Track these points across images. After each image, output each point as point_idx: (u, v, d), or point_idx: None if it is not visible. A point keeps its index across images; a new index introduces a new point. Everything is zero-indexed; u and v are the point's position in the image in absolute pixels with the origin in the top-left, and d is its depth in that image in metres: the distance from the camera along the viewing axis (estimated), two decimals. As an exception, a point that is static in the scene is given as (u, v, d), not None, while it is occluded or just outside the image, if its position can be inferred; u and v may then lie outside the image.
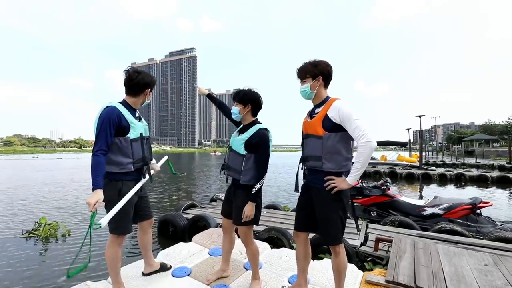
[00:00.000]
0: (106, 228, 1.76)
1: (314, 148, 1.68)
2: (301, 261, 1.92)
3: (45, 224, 4.54)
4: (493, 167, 18.49)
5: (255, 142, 1.88)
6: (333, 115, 1.60)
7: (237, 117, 2.01)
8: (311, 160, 1.71)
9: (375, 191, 5.18)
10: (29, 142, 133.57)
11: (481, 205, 4.39)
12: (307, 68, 1.71)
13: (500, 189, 10.42)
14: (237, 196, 1.98)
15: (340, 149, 1.62)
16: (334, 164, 1.62)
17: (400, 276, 2.20)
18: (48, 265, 3.43)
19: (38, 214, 5.71)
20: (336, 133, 1.61)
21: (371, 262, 2.95)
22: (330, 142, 1.61)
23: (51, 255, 3.76)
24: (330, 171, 1.63)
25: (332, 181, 1.62)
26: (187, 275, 2.32)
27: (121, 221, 1.80)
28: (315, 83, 1.69)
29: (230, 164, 2.00)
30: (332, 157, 1.62)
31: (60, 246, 4.12)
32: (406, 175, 13.69)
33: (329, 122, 1.61)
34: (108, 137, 1.69)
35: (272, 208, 5.13)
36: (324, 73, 1.69)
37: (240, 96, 1.96)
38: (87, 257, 1.64)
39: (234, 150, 1.97)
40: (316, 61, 1.71)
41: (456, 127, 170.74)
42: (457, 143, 51.55)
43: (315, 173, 1.72)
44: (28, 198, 7.86)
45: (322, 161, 1.64)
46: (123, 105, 1.84)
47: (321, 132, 1.63)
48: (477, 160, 23.23)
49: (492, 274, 2.28)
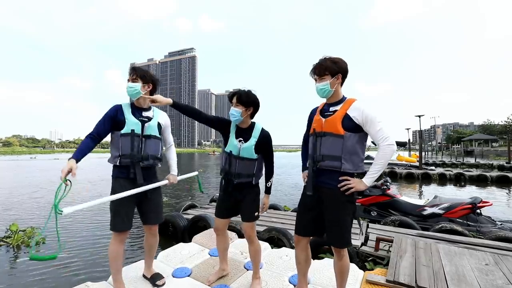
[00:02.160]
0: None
1: (333, 147, 1.60)
2: (302, 264, 1.86)
3: (17, 231, 4.10)
4: (492, 167, 18.50)
5: (264, 143, 1.96)
6: (356, 115, 1.56)
7: (237, 120, 1.92)
8: (327, 160, 1.62)
9: (375, 191, 5.18)
10: (28, 142, 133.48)
11: (481, 204, 4.40)
12: (326, 65, 1.61)
13: (499, 188, 10.42)
14: (246, 194, 2.01)
15: (358, 150, 1.59)
16: (351, 164, 1.59)
17: (401, 276, 2.20)
18: (13, 279, 2.96)
19: (18, 219, 5.24)
20: (355, 133, 1.58)
21: (371, 262, 2.95)
22: (350, 142, 1.57)
23: (20, 268, 3.21)
24: (347, 171, 1.60)
25: (347, 181, 1.58)
26: (187, 275, 2.31)
27: (113, 219, 1.90)
28: (335, 80, 1.62)
29: (241, 171, 1.92)
30: (351, 158, 1.58)
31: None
32: (406, 175, 13.70)
33: (350, 122, 1.57)
34: (100, 125, 1.85)
35: (272, 208, 5.13)
36: (343, 70, 1.63)
37: (242, 98, 1.88)
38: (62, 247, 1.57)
39: (246, 157, 1.91)
40: (334, 58, 1.64)
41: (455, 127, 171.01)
42: (457, 143, 51.62)
43: (328, 173, 1.64)
44: (7, 201, 7.32)
45: (341, 161, 1.58)
46: (129, 104, 1.97)
47: (342, 131, 1.57)
48: (477, 160, 23.25)
49: (493, 273, 2.28)
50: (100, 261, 3.50)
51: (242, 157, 1.92)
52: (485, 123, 63.62)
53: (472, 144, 41.83)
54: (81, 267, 3.32)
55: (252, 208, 1.99)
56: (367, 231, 3.65)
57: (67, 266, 3.32)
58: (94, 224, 5.23)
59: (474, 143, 41.27)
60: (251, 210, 1.99)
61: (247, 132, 1.95)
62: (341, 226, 1.61)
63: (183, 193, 9.09)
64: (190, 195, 8.80)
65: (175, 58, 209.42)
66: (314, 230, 1.76)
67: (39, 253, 1.71)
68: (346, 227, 1.62)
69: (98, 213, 6.11)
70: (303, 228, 1.77)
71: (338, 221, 1.62)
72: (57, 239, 1.54)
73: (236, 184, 1.96)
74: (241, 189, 1.99)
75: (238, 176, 1.94)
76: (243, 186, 1.99)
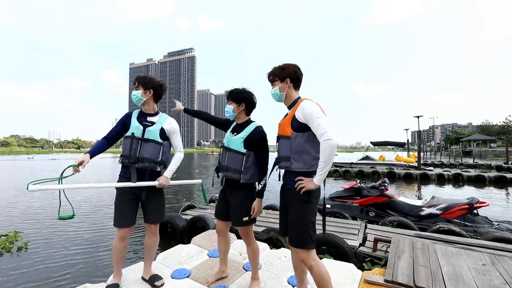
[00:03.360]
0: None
1: (284, 148, 1.70)
2: (298, 270, 1.82)
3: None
4: (490, 167, 18.60)
5: (254, 140, 1.92)
6: (299, 114, 1.62)
7: (230, 116, 2.03)
8: (282, 161, 1.73)
9: (373, 192, 5.20)
10: (27, 142, 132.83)
11: (478, 205, 4.43)
12: (275, 72, 1.76)
13: (497, 189, 10.48)
14: (234, 196, 1.98)
15: (307, 149, 1.62)
16: (302, 163, 1.62)
17: (399, 276, 2.21)
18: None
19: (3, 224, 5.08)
20: (303, 132, 1.62)
21: (369, 262, 2.96)
22: (297, 141, 1.63)
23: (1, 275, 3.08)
24: (299, 170, 1.63)
25: (300, 181, 1.61)
26: (186, 276, 2.32)
27: (115, 214, 2.05)
28: (284, 85, 1.73)
29: (228, 164, 1.97)
30: (301, 157, 1.62)
31: (15, 264, 3.38)
32: (405, 175, 13.75)
33: (297, 122, 1.63)
34: (113, 129, 2.13)
35: (270, 209, 5.14)
36: (291, 75, 1.72)
37: (234, 95, 2.00)
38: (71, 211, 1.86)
39: (233, 149, 1.96)
40: (284, 65, 1.75)
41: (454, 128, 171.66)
42: (455, 144, 51.82)
43: (287, 174, 1.73)
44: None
45: (291, 161, 1.65)
46: (139, 110, 2.16)
47: (289, 132, 1.66)
48: (475, 160, 23.35)
49: (490, 273, 2.30)
50: (99, 262, 3.50)
51: (230, 148, 1.98)
52: (483, 124, 63.91)
53: (470, 144, 42.00)
54: (80, 268, 3.31)
55: (240, 213, 1.94)
56: (365, 232, 3.66)
57: (66, 267, 3.33)
58: (93, 226, 5.22)
59: (472, 143, 41.44)
60: (239, 215, 1.95)
61: (242, 127, 2.01)
62: (297, 224, 1.62)
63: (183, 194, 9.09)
64: (190, 196, 8.80)
65: (174, 58, 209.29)
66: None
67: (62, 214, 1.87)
68: (300, 226, 1.61)
69: (98, 213, 6.11)
70: (282, 228, 1.81)
71: (294, 219, 1.64)
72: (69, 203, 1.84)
73: (226, 181, 2.04)
74: (230, 189, 2.01)
75: (226, 169, 1.99)
76: (232, 186, 1.99)
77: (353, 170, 15.11)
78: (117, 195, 2.06)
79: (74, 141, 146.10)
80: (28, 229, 4.84)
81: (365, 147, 32.52)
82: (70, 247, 4.00)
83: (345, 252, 2.94)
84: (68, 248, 3.96)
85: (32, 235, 4.53)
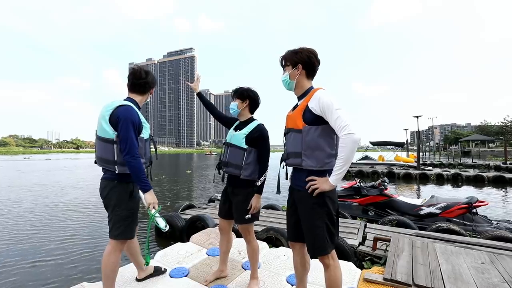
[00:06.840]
0: (101, 235, 1.70)
1: (294, 143, 1.51)
2: (298, 268, 1.71)
3: None
4: (489, 167, 18.63)
5: (256, 136, 1.94)
6: (313, 105, 1.43)
7: (235, 112, 2.06)
8: (291, 157, 1.54)
9: (373, 191, 5.20)
10: (25, 142, 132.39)
11: (477, 204, 4.42)
12: (286, 56, 1.56)
13: (496, 188, 10.51)
14: (236, 193, 1.99)
15: (321, 144, 1.43)
16: (315, 161, 1.44)
17: (398, 274, 2.21)
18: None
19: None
20: (317, 126, 1.43)
21: (369, 261, 2.96)
22: (310, 136, 1.44)
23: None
24: (311, 169, 1.46)
25: (313, 181, 1.43)
26: (185, 275, 2.31)
27: (131, 225, 1.75)
28: (295, 71, 1.53)
29: (229, 160, 1.98)
30: (313, 153, 1.44)
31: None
32: (404, 175, 13.77)
33: (310, 114, 1.44)
34: (136, 139, 1.68)
35: (270, 208, 5.13)
36: (304, 61, 1.50)
37: (239, 92, 2.04)
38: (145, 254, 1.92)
39: (235, 144, 1.97)
40: (299, 48, 1.54)
41: (453, 128, 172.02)
42: (454, 144, 51.92)
43: (297, 173, 1.55)
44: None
45: (302, 158, 1.46)
46: (132, 103, 1.77)
47: (301, 125, 1.46)
48: (474, 160, 23.38)
49: (489, 272, 2.30)
50: (96, 261, 3.49)
51: (231, 143, 2.00)
52: (482, 124, 64.04)
53: (469, 144, 42.07)
54: (77, 267, 3.30)
55: (242, 210, 1.94)
56: (364, 231, 3.66)
57: (65, 267, 3.31)
58: (91, 225, 5.20)
59: (471, 143, 41.50)
60: (241, 212, 1.95)
61: (244, 124, 2.03)
62: (314, 233, 1.45)
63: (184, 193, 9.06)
64: (189, 196, 8.79)
65: (174, 58, 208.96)
66: (297, 236, 1.62)
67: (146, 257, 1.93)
68: (317, 234, 1.44)
69: (97, 213, 6.08)
70: (289, 233, 1.68)
71: (309, 227, 1.47)
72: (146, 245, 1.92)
73: (228, 179, 2.06)
74: (232, 187, 2.01)
75: (226, 165, 2.00)
76: (234, 184, 1.99)
77: (353, 170, 15.10)
78: (136, 203, 1.82)
79: (73, 141, 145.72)
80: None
81: (364, 147, 32.46)
82: (82, 242, 3.99)
83: (345, 251, 2.94)
84: (80, 243, 3.95)
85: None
